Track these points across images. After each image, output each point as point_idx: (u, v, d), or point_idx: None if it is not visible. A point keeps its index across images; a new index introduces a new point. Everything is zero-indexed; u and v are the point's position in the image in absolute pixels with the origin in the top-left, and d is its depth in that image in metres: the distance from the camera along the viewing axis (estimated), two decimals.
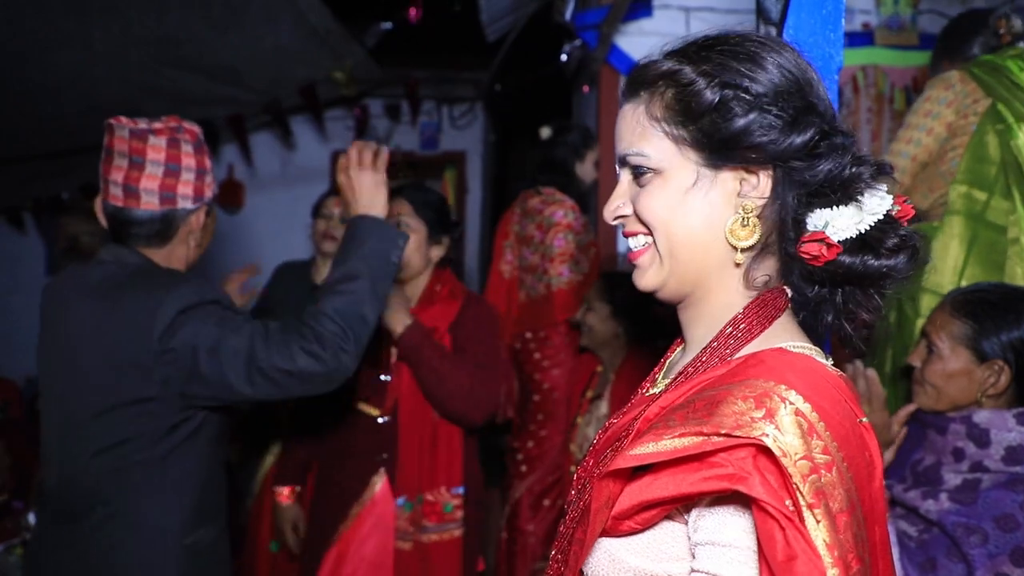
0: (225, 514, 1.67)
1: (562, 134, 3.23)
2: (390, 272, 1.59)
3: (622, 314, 2.56)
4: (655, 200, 0.84)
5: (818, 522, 0.68)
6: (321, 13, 3.46)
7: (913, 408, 1.53)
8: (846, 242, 0.81)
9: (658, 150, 0.84)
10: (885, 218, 0.82)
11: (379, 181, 1.63)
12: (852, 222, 0.81)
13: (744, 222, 0.82)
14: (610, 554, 0.80)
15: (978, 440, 1.42)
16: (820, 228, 0.82)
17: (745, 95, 0.80)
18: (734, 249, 0.83)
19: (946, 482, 1.43)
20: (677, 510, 0.77)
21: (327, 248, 2.86)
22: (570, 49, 3.50)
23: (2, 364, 4.28)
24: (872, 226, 0.81)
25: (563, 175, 3.16)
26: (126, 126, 1.52)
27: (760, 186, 0.82)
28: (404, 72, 4.88)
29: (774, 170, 0.81)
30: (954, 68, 2.15)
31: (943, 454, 1.47)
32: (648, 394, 0.94)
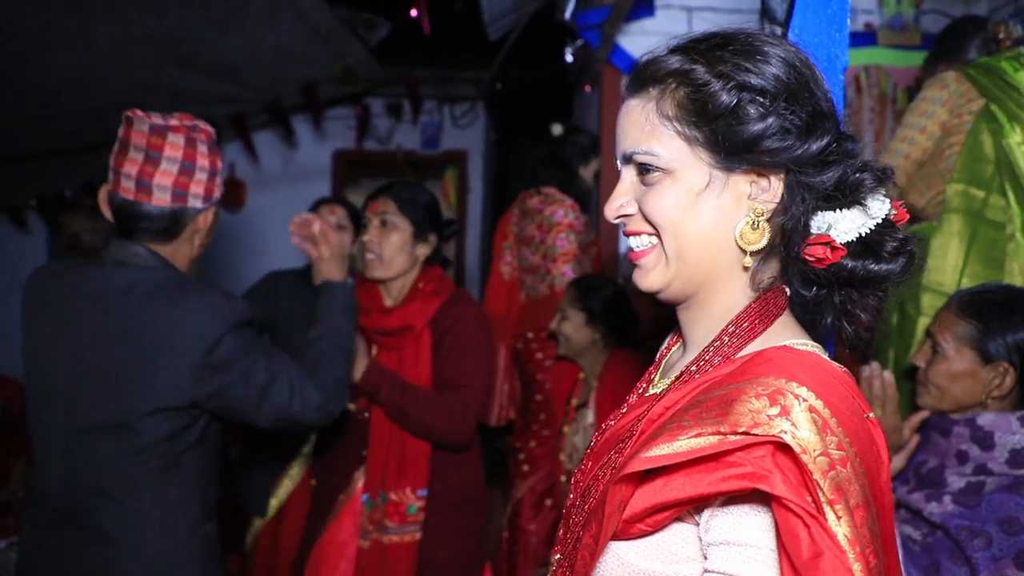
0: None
1: (572, 134, 3.25)
2: (353, 329, 1.84)
3: (597, 320, 2.54)
4: (664, 200, 0.83)
5: (839, 518, 0.68)
6: (322, 12, 3.45)
7: (926, 415, 1.52)
8: (849, 245, 0.82)
9: (669, 150, 0.82)
10: (884, 221, 0.83)
11: (337, 251, 1.89)
12: (855, 225, 0.82)
13: (755, 225, 0.81)
14: (619, 558, 0.79)
15: (982, 443, 1.41)
16: (823, 231, 0.83)
17: (761, 98, 0.79)
18: (743, 252, 0.83)
19: (950, 485, 1.42)
20: (688, 511, 0.76)
21: None
22: (572, 49, 3.49)
23: (2, 362, 4.26)
24: (872, 229, 0.82)
25: (566, 173, 3.16)
26: (146, 120, 1.51)
27: (771, 189, 0.82)
28: (405, 71, 4.87)
29: (786, 174, 0.81)
30: (951, 70, 2.17)
31: (947, 457, 1.46)
32: (648, 394, 0.94)
